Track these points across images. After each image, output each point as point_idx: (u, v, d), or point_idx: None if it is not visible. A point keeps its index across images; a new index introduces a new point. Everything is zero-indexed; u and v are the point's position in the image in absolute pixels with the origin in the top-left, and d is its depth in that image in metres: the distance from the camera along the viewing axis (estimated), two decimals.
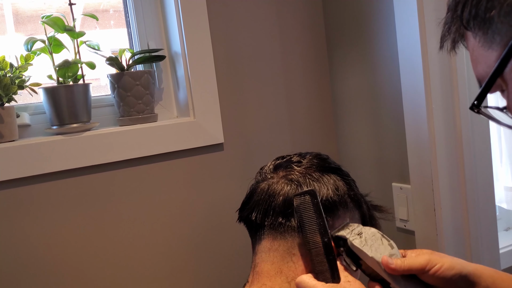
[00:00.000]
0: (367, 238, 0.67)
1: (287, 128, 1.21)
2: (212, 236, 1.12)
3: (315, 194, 0.68)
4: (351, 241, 0.67)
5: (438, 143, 0.99)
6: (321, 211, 0.68)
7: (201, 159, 1.10)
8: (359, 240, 0.67)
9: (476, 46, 0.47)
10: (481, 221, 1.05)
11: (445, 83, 0.99)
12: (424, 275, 0.63)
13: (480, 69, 0.47)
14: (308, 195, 0.68)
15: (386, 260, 0.64)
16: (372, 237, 0.67)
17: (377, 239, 0.67)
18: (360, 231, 0.69)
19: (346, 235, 0.68)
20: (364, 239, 0.67)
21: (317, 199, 0.68)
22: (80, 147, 0.97)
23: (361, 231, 0.69)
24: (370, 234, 0.68)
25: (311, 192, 0.69)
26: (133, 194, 1.04)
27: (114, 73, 1.06)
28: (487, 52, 0.45)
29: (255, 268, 0.74)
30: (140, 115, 1.06)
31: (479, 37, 0.46)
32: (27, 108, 1.02)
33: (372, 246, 0.66)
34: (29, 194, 0.94)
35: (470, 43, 0.48)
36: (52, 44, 0.99)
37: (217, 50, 1.10)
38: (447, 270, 0.62)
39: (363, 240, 0.67)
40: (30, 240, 0.95)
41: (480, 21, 0.45)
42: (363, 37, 1.14)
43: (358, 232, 0.69)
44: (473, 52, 0.48)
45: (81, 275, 0.99)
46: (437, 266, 0.62)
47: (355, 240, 0.67)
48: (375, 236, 0.68)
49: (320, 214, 0.67)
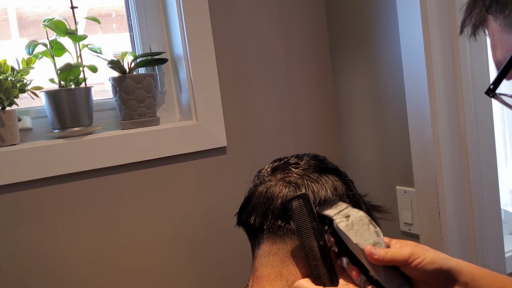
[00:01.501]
0: (353, 222, 0.65)
1: (290, 131, 1.20)
2: (215, 239, 1.11)
3: (308, 197, 0.67)
4: (337, 224, 0.65)
5: (442, 146, 0.98)
6: (315, 214, 0.67)
7: (204, 163, 1.10)
8: (345, 223, 0.65)
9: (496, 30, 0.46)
10: (486, 225, 1.04)
11: (449, 85, 0.98)
12: (405, 267, 0.63)
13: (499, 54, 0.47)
14: (301, 199, 0.67)
15: (370, 249, 0.63)
16: (359, 221, 0.65)
17: (364, 224, 0.65)
18: (348, 214, 0.66)
19: (332, 216, 0.66)
20: (350, 222, 0.65)
21: (310, 202, 0.67)
22: (81, 151, 0.97)
23: (349, 213, 0.66)
24: (358, 218, 0.66)
25: (303, 196, 0.67)
26: (135, 198, 1.03)
27: (116, 77, 1.05)
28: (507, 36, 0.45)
29: (255, 273, 0.73)
30: (142, 118, 1.05)
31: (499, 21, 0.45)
32: (28, 111, 1.02)
33: (358, 231, 0.64)
34: (31, 198, 0.94)
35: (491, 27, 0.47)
36: (54, 47, 0.98)
37: (219, 53, 1.10)
38: (428, 264, 0.62)
39: (350, 224, 0.65)
40: (32, 244, 0.94)
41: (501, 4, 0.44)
42: (366, 40, 1.13)
43: (346, 214, 0.66)
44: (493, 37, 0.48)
45: (84, 278, 0.99)
46: (419, 259, 0.62)
47: (341, 223, 0.65)
48: (362, 221, 0.66)
49: (315, 217, 0.66)
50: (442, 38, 0.97)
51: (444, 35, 0.97)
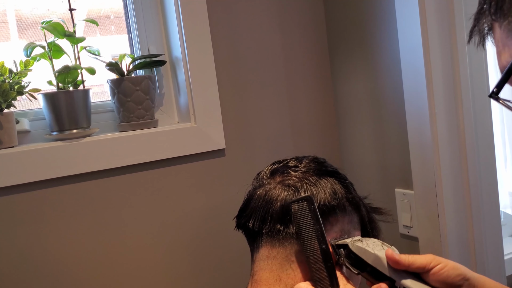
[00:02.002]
0: (368, 243, 0.67)
1: (289, 133, 1.20)
2: (213, 242, 1.11)
3: (312, 200, 0.68)
4: (353, 243, 0.67)
5: (441, 148, 0.98)
6: (318, 217, 0.67)
7: (202, 165, 1.09)
8: (361, 243, 0.67)
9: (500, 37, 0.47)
10: (485, 227, 1.04)
11: (448, 87, 0.98)
12: (427, 274, 0.62)
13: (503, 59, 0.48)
14: (305, 201, 0.67)
15: (391, 252, 0.63)
16: (373, 243, 0.67)
17: (377, 245, 0.67)
18: (361, 239, 0.68)
19: (347, 241, 0.68)
20: (365, 243, 0.67)
21: (314, 205, 0.67)
22: (80, 153, 0.96)
23: (362, 239, 0.68)
24: (371, 241, 0.68)
25: (308, 198, 0.68)
26: (133, 200, 1.03)
27: (114, 79, 1.05)
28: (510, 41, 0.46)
29: (253, 276, 0.73)
30: (140, 120, 1.05)
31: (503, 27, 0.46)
32: (26, 114, 1.02)
33: (374, 248, 0.66)
34: (29, 201, 0.94)
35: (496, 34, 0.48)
36: (52, 49, 0.98)
37: (218, 54, 1.10)
38: (451, 270, 0.61)
39: (365, 244, 0.67)
40: (30, 246, 0.94)
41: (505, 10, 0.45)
42: (365, 42, 1.13)
43: (359, 239, 0.68)
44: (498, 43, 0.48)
45: (83, 280, 0.98)
46: (441, 265, 0.62)
47: (356, 243, 0.67)
48: (375, 243, 0.67)
49: (318, 221, 0.67)
50: (441, 40, 0.96)
51: (443, 37, 0.96)
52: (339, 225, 0.72)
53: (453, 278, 0.61)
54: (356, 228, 0.75)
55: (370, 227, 0.78)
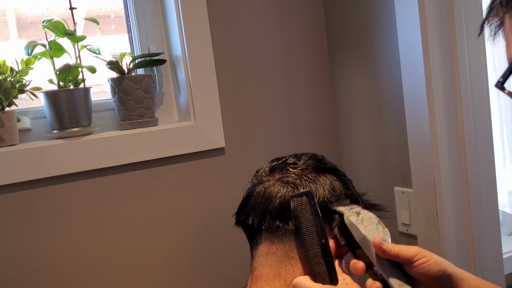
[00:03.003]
0: (363, 219, 0.67)
1: (288, 132, 1.20)
2: (213, 240, 1.11)
3: (312, 195, 0.68)
4: (347, 217, 0.67)
5: (440, 147, 0.99)
6: (318, 212, 0.67)
7: (202, 164, 1.10)
8: (356, 218, 0.67)
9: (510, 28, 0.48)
10: (484, 226, 1.04)
11: (447, 86, 0.98)
12: (409, 266, 0.64)
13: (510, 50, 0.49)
14: (305, 196, 0.68)
15: (379, 240, 0.64)
16: (369, 219, 0.67)
17: (373, 222, 0.67)
18: (359, 211, 0.68)
19: (343, 211, 0.68)
20: (361, 218, 0.67)
21: (314, 200, 0.68)
22: (80, 151, 0.97)
23: (360, 212, 0.68)
24: (368, 217, 0.68)
25: (308, 193, 0.68)
26: (133, 198, 1.03)
27: (114, 77, 1.05)
28: None
29: (253, 272, 0.74)
30: (140, 119, 1.05)
31: None
32: (27, 112, 1.02)
33: (367, 227, 0.66)
34: (30, 199, 0.94)
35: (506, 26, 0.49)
36: (53, 48, 0.99)
37: (218, 53, 1.10)
38: (433, 264, 0.63)
39: (360, 219, 0.67)
40: (30, 244, 0.94)
41: None
42: (365, 41, 1.14)
43: (357, 212, 0.68)
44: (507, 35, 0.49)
45: (82, 278, 0.99)
46: (425, 259, 0.63)
47: (352, 217, 0.67)
48: (371, 220, 0.67)
49: (317, 216, 0.67)
50: (440, 39, 0.97)
51: (442, 36, 0.97)
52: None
53: (434, 272, 0.63)
54: None
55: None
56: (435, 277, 0.63)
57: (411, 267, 0.64)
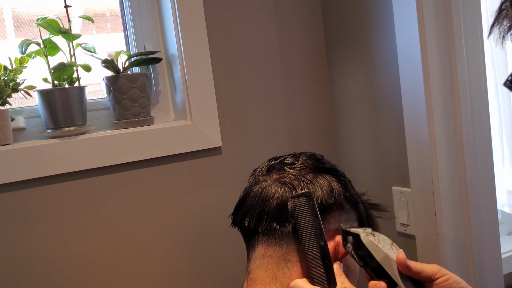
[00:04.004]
0: (380, 239, 0.67)
1: (286, 131, 1.20)
2: (209, 240, 1.10)
3: (311, 196, 0.67)
4: (365, 236, 0.67)
5: (438, 146, 0.98)
6: (317, 213, 0.66)
7: (198, 163, 1.09)
8: (373, 238, 0.67)
9: None
10: (482, 226, 1.04)
11: (445, 85, 0.98)
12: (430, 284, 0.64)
13: None
14: (304, 197, 0.67)
15: (403, 257, 0.64)
16: (384, 240, 0.67)
17: (387, 243, 0.67)
18: (373, 233, 0.68)
19: (359, 231, 0.68)
20: (377, 239, 0.67)
21: (313, 201, 0.67)
22: (75, 150, 0.96)
23: (374, 233, 0.69)
24: (382, 238, 0.68)
25: (307, 194, 0.67)
26: (129, 198, 1.02)
27: (109, 76, 1.05)
28: None
29: (249, 275, 0.73)
30: (136, 118, 1.04)
31: None
32: (22, 111, 1.01)
33: (384, 247, 0.66)
34: (24, 199, 0.93)
35: None
36: (48, 46, 0.98)
37: (214, 52, 1.09)
38: (455, 283, 0.64)
39: (377, 239, 0.67)
40: (24, 244, 0.93)
41: None
42: (362, 39, 1.13)
43: (372, 232, 0.68)
44: None
45: (77, 279, 0.98)
46: (446, 277, 0.64)
47: (369, 237, 0.67)
48: (385, 241, 0.68)
49: (316, 217, 0.66)
50: (439, 38, 0.96)
51: (440, 35, 0.96)
52: (337, 223, 0.71)
53: None
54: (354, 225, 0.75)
55: (368, 224, 0.77)
56: None
57: (432, 285, 0.64)
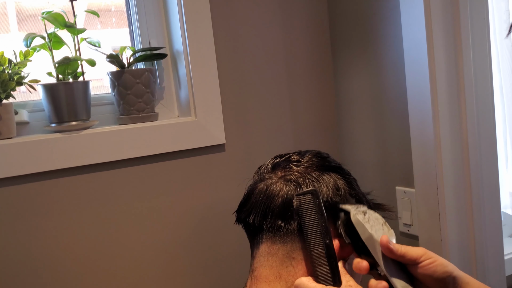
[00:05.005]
0: (370, 218, 0.66)
1: (289, 129, 1.19)
2: (212, 238, 1.10)
3: (318, 193, 0.67)
4: (354, 215, 0.66)
5: (443, 146, 0.97)
6: (323, 211, 0.66)
7: (202, 160, 1.09)
8: (362, 216, 0.66)
9: None
10: (486, 227, 1.03)
11: (451, 86, 0.97)
12: (415, 267, 0.64)
13: None
14: (310, 195, 0.66)
15: (387, 239, 0.63)
16: (375, 219, 0.67)
17: (379, 223, 0.67)
18: (365, 211, 0.68)
19: (350, 209, 0.68)
20: (367, 217, 0.66)
21: (319, 199, 0.66)
22: (79, 145, 0.95)
23: (366, 211, 0.68)
24: (374, 217, 0.67)
25: (313, 192, 0.67)
26: (132, 194, 1.02)
27: (114, 71, 1.04)
28: None
29: (253, 273, 0.72)
30: (140, 114, 1.04)
31: None
32: (25, 105, 1.01)
33: (373, 226, 0.65)
34: (26, 193, 0.93)
35: None
36: (52, 40, 0.97)
37: (219, 48, 1.09)
38: (439, 266, 0.63)
39: (366, 218, 0.66)
40: (26, 239, 0.93)
41: None
42: (368, 38, 1.12)
43: (363, 210, 0.68)
44: None
45: (79, 274, 0.98)
46: (431, 259, 0.63)
47: (359, 215, 0.66)
48: (377, 220, 0.67)
49: (322, 215, 0.66)
50: (445, 38, 0.95)
51: (447, 34, 0.96)
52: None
53: (440, 274, 0.63)
54: None
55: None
56: (440, 279, 0.63)
57: (417, 268, 0.63)
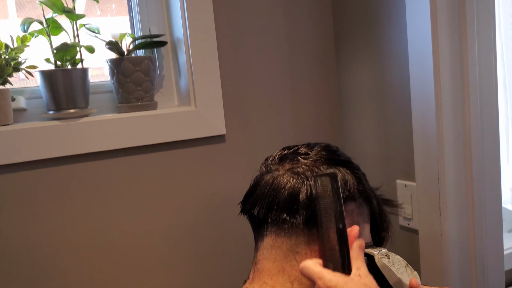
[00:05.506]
0: (394, 262, 0.66)
1: (291, 121, 1.18)
2: (211, 230, 1.09)
3: (336, 177, 0.65)
4: (380, 259, 0.65)
5: (446, 140, 0.96)
6: (340, 195, 0.64)
7: (201, 151, 1.07)
8: (387, 260, 0.65)
9: None
10: (486, 222, 1.03)
11: (455, 79, 0.96)
12: None
13: None
14: (328, 177, 0.65)
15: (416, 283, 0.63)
16: (398, 262, 0.66)
17: (402, 266, 0.66)
18: (388, 254, 0.67)
19: (373, 252, 0.67)
20: (392, 261, 0.66)
21: (337, 182, 0.64)
22: (77, 133, 0.94)
23: (389, 254, 0.67)
24: (397, 259, 0.66)
25: (332, 175, 0.65)
26: (130, 183, 1.01)
27: (113, 58, 1.03)
28: None
29: (256, 265, 0.71)
30: (139, 102, 1.03)
31: None
32: (23, 92, 1.00)
33: (399, 269, 0.65)
34: (23, 181, 0.92)
35: None
36: (51, 26, 0.95)
37: (221, 37, 1.07)
38: None
39: (391, 262, 0.65)
40: (22, 227, 0.92)
41: None
42: (372, 29, 1.11)
43: (386, 254, 0.67)
44: None
45: (77, 263, 0.97)
46: None
47: (384, 259, 0.65)
48: (400, 263, 0.66)
49: (339, 199, 0.64)
50: (451, 31, 0.94)
51: (452, 27, 0.94)
52: (349, 217, 0.70)
53: None
54: (365, 221, 0.73)
55: (380, 220, 0.76)
56: None
57: None
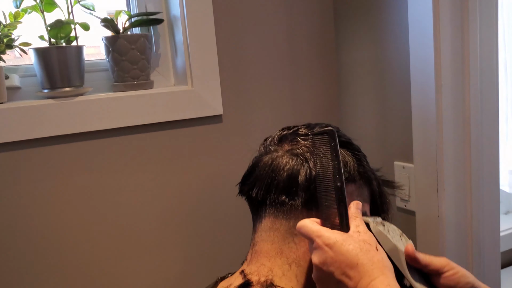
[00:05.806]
0: (389, 229, 0.65)
1: (289, 101, 1.17)
2: (208, 211, 1.09)
3: (335, 135, 0.64)
4: (375, 226, 0.65)
5: (445, 122, 0.96)
6: (338, 153, 0.63)
7: (198, 131, 1.06)
8: (382, 227, 0.65)
9: None
10: (484, 204, 1.03)
11: (456, 60, 0.95)
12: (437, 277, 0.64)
13: None
14: (326, 135, 0.64)
15: (412, 248, 0.63)
16: (393, 230, 0.66)
17: (396, 234, 0.66)
18: (383, 222, 0.67)
19: (369, 220, 0.66)
20: (386, 228, 0.65)
21: (336, 140, 0.63)
22: (72, 112, 0.93)
23: (384, 222, 0.67)
24: (392, 228, 0.66)
25: (329, 132, 0.64)
26: (125, 163, 1.00)
27: (109, 36, 1.01)
28: None
29: (254, 247, 0.71)
30: (135, 81, 1.01)
31: None
32: (17, 69, 0.98)
33: (394, 237, 0.64)
34: (17, 159, 0.91)
35: None
36: (44, 2, 0.93)
37: (218, 15, 1.05)
38: (462, 277, 0.64)
39: (386, 229, 0.65)
40: (16, 207, 0.92)
41: None
42: (373, 8, 1.09)
43: (381, 222, 0.67)
44: None
45: (72, 244, 0.97)
46: (454, 270, 0.64)
47: (379, 226, 0.65)
48: (395, 231, 0.66)
49: (337, 157, 0.63)
50: (452, 10, 0.92)
51: (454, 6, 0.92)
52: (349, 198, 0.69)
53: (463, 285, 0.63)
54: (366, 202, 0.73)
55: (380, 201, 0.75)
56: None
57: (439, 279, 0.63)
